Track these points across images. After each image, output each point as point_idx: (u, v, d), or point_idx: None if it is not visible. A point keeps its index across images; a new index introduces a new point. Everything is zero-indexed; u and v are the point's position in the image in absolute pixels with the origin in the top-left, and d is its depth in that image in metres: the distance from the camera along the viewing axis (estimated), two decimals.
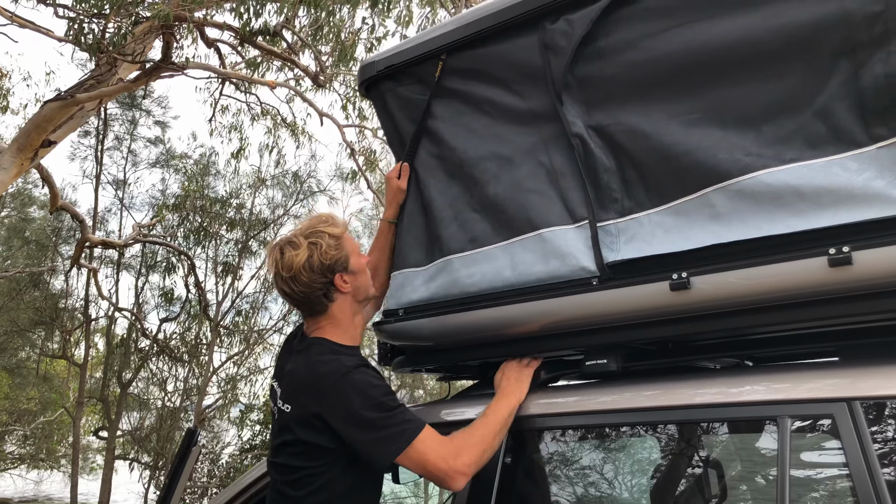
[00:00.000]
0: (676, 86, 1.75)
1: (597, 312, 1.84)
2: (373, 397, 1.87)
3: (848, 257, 1.44)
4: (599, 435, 1.99)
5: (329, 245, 2.01)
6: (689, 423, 1.78)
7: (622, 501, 2.00)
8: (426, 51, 2.27)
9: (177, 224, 15.12)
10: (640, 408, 1.83)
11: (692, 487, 1.86)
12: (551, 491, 2.04)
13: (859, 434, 1.44)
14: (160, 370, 16.02)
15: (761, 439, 1.66)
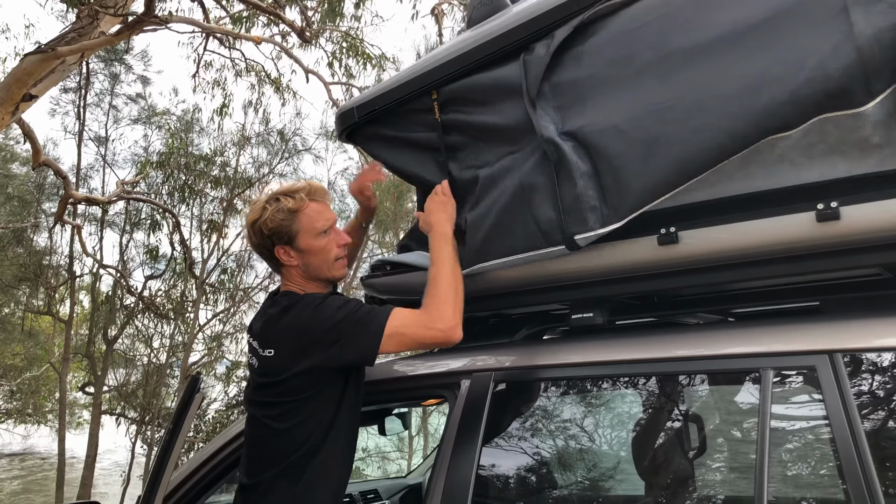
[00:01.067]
0: (657, 74, 1.64)
1: (586, 266, 1.84)
2: (341, 310, 1.94)
3: (836, 212, 1.46)
4: (584, 387, 2.02)
5: (276, 214, 2.04)
6: (673, 376, 1.81)
7: (606, 454, 2.03)
8: (411, 90, 2.13)
9: (161, 181, 14.99)
10: (624, 360, 1.85)
11: (676, 439, 1.89)
12: (536, 443, 2.07)
13: (840, 386, 1.46)
14: (146, 327, 16.02)
15: (744, 391, 1.69)
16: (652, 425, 1.95)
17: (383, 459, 14.70)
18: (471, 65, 2.00)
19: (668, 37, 1.62)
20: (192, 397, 2.07)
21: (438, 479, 1.95)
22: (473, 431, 1.95)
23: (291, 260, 2.09)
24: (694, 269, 1.72)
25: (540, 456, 2.05)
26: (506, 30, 1.93)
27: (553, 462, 2.05)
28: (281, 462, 1.99)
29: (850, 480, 1.38)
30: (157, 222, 15.01)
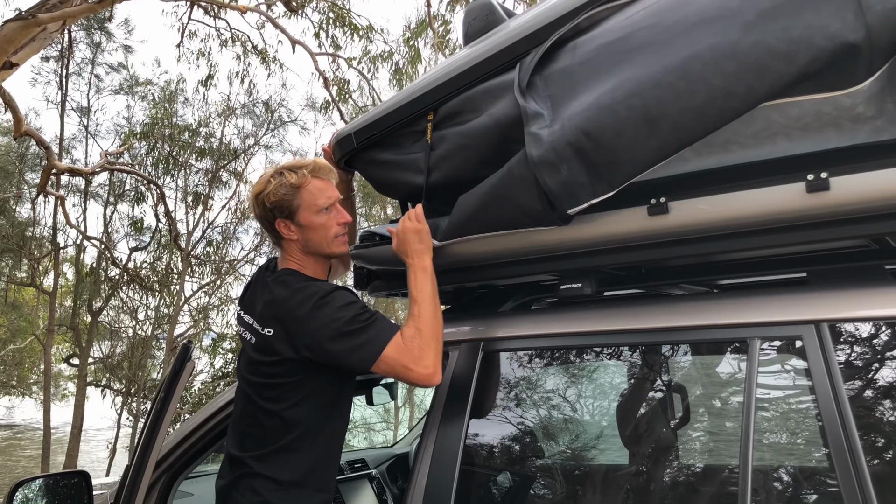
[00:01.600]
0: (652, 50, 1.59)
1: (575, 237, 1.85)
2: (349, 311, 1.94)
3: (826, 183, 1.47)
4: (572, 357, 2.03)
5: (279, 188, 2.07)
6: (661, 346, 1.82)
7: (594, 423, 2.05)
8: (408, 113, 2.09)
9: (145, 152, 14.86)
10: (612, 330, 1.86)
11: (663, 408, 1.91)
12: (523, 412, 2.09)
13: (825, 355, 1.48)
14: (131, 299, 15.97)
15: (731, 361, 1.70)
16: (639, 395, 1.97)
17: (369, 430, 14.80)
18: (468, 84, 1.96)
19: (664, 14, 1.59)
20: (184, 365, 2.08)
21: (426, 448, 1.97)
22: (461, 400, 1.97)
23: (291, 234, 2.11)
24: (683, 240, 1.72)
25: (527, 425, 2.07)
26: (504, 46, 1.89)
27: (540, 431, 2.07)
28: (273, 443, 2.01)
29: (835, 449, 1.41)
30: (142, 194, 14.92)
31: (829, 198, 1.48)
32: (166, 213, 14.10)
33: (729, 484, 1.60)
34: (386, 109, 2.15)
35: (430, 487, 1.90)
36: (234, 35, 12.81)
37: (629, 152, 1.60)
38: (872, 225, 1.50)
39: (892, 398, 1.46)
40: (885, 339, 1.50)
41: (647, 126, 1.55)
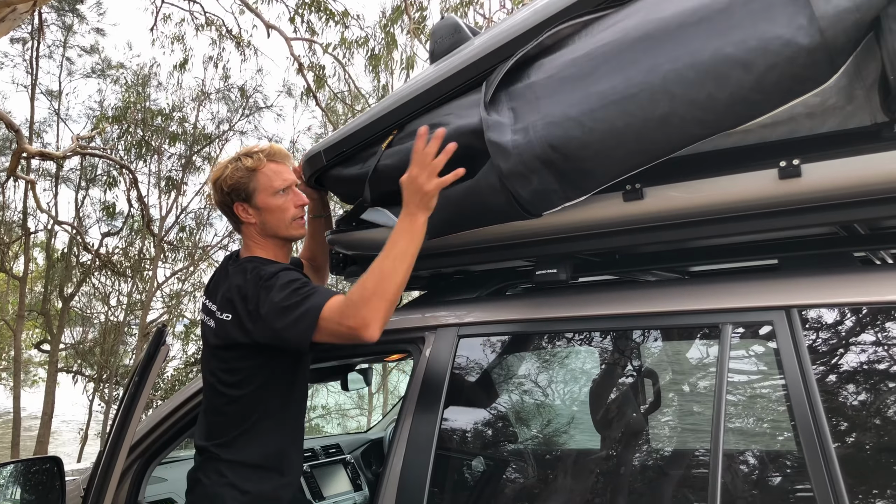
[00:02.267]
0: (616, 65, 1.59)
1: (551, 223, 1.86)
2: (287, 290, 1.94)
3: (797, 170, 1.49)
4: (547, 342, 2.05)
5: (235, 172, 2.13)
6: (635, 331, 1.84)
7: (568, 408, 2.07)
8: (376, 130, 2.08)
9: (117, 137, 14.66)
10: (587, 315, 1.88)
11: (637, 392, 1.93)
12: (499, 397, 2.11)
13: (795, 340, 1.51)
14: (103, 285, 15.79)
15: (704, 346, 1.73)
16: (613, 380, 1.99)
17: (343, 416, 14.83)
18: (435, 101, 1.96)
19: (627, 27, 1.60)
20: (158, 349, 2.07)
21: (402, 433, 1.98)
22: (437, 386, 1.98)
23: (249, 217, 2.16)
24: (658, 227, 1.74)
25: (503, 410, 2.09)
26: (469, 63, 1.89)
27: (515, 416, 2.09)
28: (236, 428, 2.04)
29: (803, 432, 1.43)
30: (114, 178, 14.72)
31: (800, 185, 1.50)
32: (139, 198, 13.93)
33: (700, 467, 1.62)
34: (354, 127, 2.15)
35: (406, 472, 1.91)
36: (209, 19, 12.65)
37: (598, 162, 1.62)
38: (842, 212, 1.53)
39: (859, 382, 1.49)
40: (852, 324, 1.53)
41: (613, 138, 1.57)
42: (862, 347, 1.50)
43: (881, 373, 1.49)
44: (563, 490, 1.85)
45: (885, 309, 1.51)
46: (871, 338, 1.51)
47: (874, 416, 1.47)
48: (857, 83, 1.45)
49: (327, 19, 12.38)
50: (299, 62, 12.10)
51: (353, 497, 3.73)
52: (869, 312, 1.52)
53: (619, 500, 1.75)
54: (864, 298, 1.52)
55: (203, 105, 15.40)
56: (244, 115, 15.82)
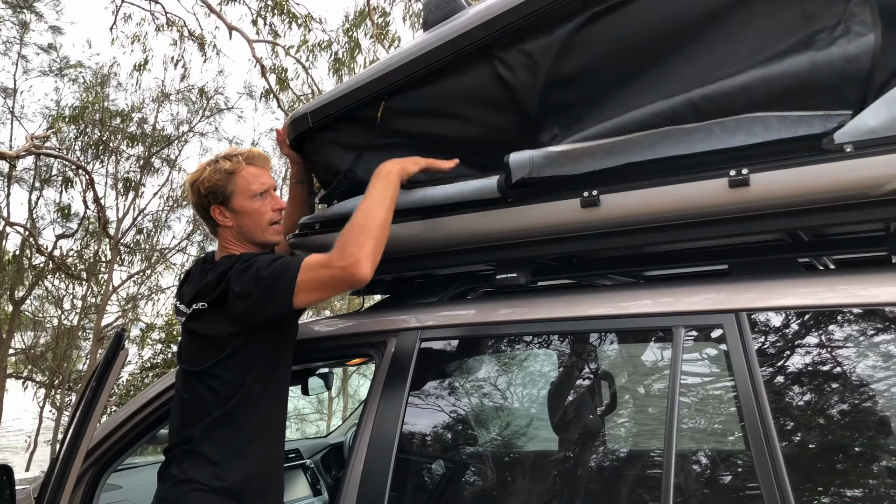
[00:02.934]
0: (643, 86, 1.76)
1: (511, 228, 1.90)
2: (264, 267, 1.94)
3: (746, 179, 1.55)
4: (507, 345, 2.08)
5: (213, 175, 2.11)
6: (591, 333, 1.89)
7: (527, 410, 2.11)
8: (367, 94, 2.09)
9: (74, 137, 14.38)
10: (545, 319, 1.92)
11: (593, 394, 1.98)
12: (461, 400, 2.13)
13: (744, 343, 1.57)
14: (56, 288, 15.45)
15: (657, 348, 1.78)
16: (571, 382, 2.03)
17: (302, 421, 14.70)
18: (429, 67, 1.98)
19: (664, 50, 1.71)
20: (117, 353, 2.05)
21: (363, 437, 1.99)
22: (399, 389, 2.00)
23: (226, 220, 2.14)
24: (614, 232, 1.80)
25: (464, 413, 2.11)
26: (463, 32, 1.93)
27: (476, 418, 2.12)
28: (213, 417, 1.99)
29: (751, 431, 1.49)
30: (70, 179, 14.42)
31: (749, 193, 1.56)
32: (95, 199, 13.67)
33: (654, 466, 1.67)
34: (344, 90, 2.16)
35: (367, 475, 1.92)
36: (170, 20, 12.50)
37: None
38: (789, 220, 1.60)
39: (804, 383, 1.56)
40: (797, 326, 1.60)
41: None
42: (807, 350, 1.57)
43: (825, 374, 1.55)
44: (521, 491, 1.89)
45: (829, 312, 1.57)
46: (816, 340, 1.57)
47: (819, 415, 1.54)
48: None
49: (290, 22, 12.32)
50: (262, 64, 12.03)
51: (312, 501, 3.73)
52: (813, 316, 1.59)
53: (575, 499, 1.79)
54: (809, 302, 1.59)
55: (163, 106, 15.20)
56: (204, 117, 15.66)
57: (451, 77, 1.98)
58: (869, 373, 1.53)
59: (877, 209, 1.52)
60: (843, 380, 1.53)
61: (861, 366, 1.53)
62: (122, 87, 15.28)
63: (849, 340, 1.55)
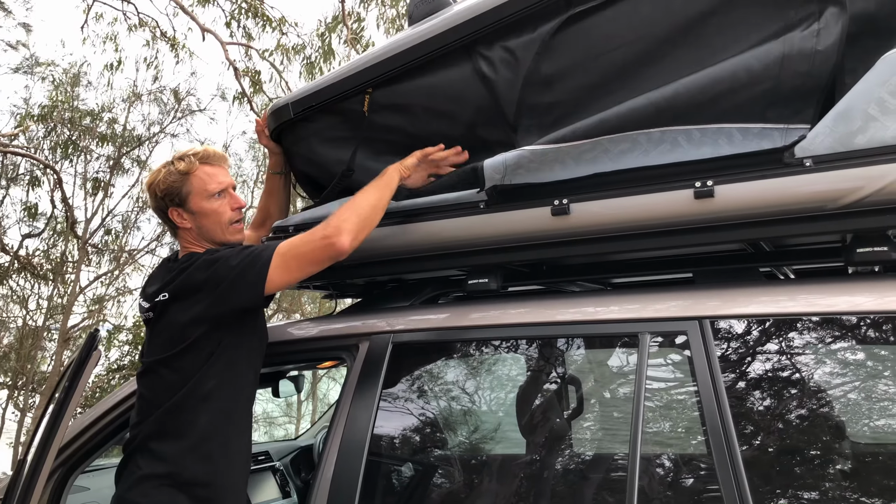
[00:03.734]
0: (622, 90, 1.82)
1: (483, 234, 1.94)
2: (234, 257, 1.96)
3: (711, 190, 1.61)
4: (477, 350, 2.11)
5: (168, 176, 2.10)
6: (559, 338, 1.93)
7: (496, 413, 2.14)
8: (349, 87, 2.12)
9: (42, 136, 14.20)
10: (515, 324, 1.96)
11: (561, 398, 2.02)
12: (431, 403, 2.16)
13: (707, 348, 1.62)
14: (21, 287, 15.21)
15: (623, 354, 1.83)
16: (539, 386, 2.07)
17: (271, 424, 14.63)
18: (412, 62, 2.02)
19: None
20: (90, 354, 2.04)
21: (334, 440, 1.99)
22: (371, 392, 2.01)
23: (185, 222, 2.12)
24: (583, 240, 1.84)
25: (435, 416, 2.14)
26: (449, 27, 1.97)
27: (447, 421, 2.14)
28: (175, 408, 1.97)
29: (712, 434, 1.54)
30: (37, 178, 14.21)
31: (713, 204, 1.62)
32: (63, 199, 13.48)
33: (619, 469, 1.72)
34: (327, 81, 2.17)
35: (337, 477, 1.93)
36: (142, 20, 12.40)
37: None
38: (751, 230, 1.66)
39: (764, 388, 1.61)
40: (758, 333, 1.65)
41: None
42: (767, 356, 1.63)
43: (784, 379, 1.61)
44: (490, 493, 1.92)
45: (789, 320, 1.63)
46: (776, 347, 1.63)
47: (778, 420, 1.59)
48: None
49: (264, 25, 12.28)
50: (235, 67, 11.96)
51: None
52: (774, 323, 1.65)
53: (542, 501, 1.82)
54: (770, 310, 1.65)
55: (134, 106, 15.07)
56: (176, 118, 15.55)
57: (434, 72, 2.03)
58: (827, 379, 1.59)
59: (834, 221, 1.58)
60: (801, 385, 1.59)
61: (819, 372, 1.59)
62: (93, 86, 15.16)
63: (808, 347, 1.61)
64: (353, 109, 2.15)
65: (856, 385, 1.59)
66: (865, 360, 1.61)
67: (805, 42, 1.60)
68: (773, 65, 1.62)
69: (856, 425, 1.58)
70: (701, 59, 1.73)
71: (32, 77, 14.96)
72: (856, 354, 1.61)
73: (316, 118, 2.22)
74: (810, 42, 1.59)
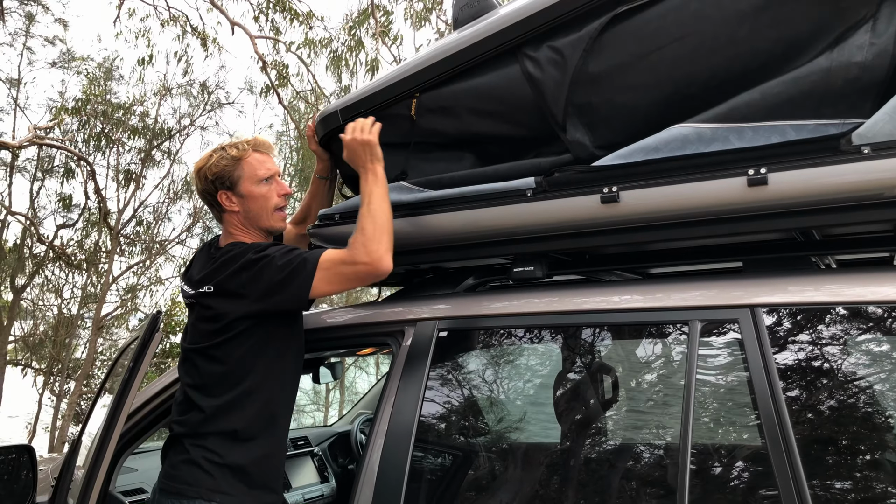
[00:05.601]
0: (674, 92, 1.82)
1: (530, 222, 1.95)
2: (277, 258, 2.01)
3: (764, 178, 1.60)
4: (524, 336, 2.13)
5: (220, 161, 2.18)
6: (608, 326, 1.93)
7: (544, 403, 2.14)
8: (397, 92, 2.15)
9: (76, 128, 14.41)
10: (563, 311, 1.96)
11: (608, 386, 2.02)
12: (477, 389, 2.17)
13: (759, 336, 1.62)
14: (56, 277, 15.48)
15: (674, 342, 1.83)
16: (585, 374, 2.07)
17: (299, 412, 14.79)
18: (460, 66, 2.03)
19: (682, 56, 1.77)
20: (153, 335, 2.08)
21: (381, 425, 2.01)
22: (417, 378, 2.03)
23: (233, 206, 2.19)
24: (632, 228, 1.85)
25: (480, 402, 2.15)
26: (496, 31, 1.98)
27: (493, 408, 2.15)
28: (217, 399, 2.04)
29: (766, 424, 1.54)
30: (71, 170, 14.45)
31: (767, 192, 1.62)
32: (96, 190, 13.71)
33: (670, 459, 1.72)
34: (374, 88, 2.20)
35: (384, 463, 1.95)
36: (173, 15, 12.52)
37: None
38: (804, 218, 1.65)
39: (817, 375, 1.61)
40: (810, 321, 1.65)
41: None
42: (821, 345, 1.62)
43: (839, 368, 1.61)
44: (536, 482, 1.93)
45: (844, 309, 1.63)
46: (830, 335, 1.63)
47: (833, 409, 1.59)
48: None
49: (291, 19, 12.36)
50: (263, 60, 12.04)
51: (320, 488, 3.77)
52: (828, 312, 1.64)
53: (590, 491, 1.83)
54: (825, 298, 1.65)
55: (164, 100, 15.23)
56: (205, 111, 15.70)
57: (481, 75, 2.03)
58: (882, 368, 1.58)
59: (890, 210, 1.57)
60: (857, 375, 1.59)
61: (874, 361, 1.59)
62: (125, 80, 15.32)
63: (862, 336, 1.60)
64: (400, 114, 2.18)
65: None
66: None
67: (860, 35, 1.59)
68: (827, 58, 1.62)
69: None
70: (753, 54, 1.72)
71: (68, 71, 15.22)
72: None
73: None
74: (865, 35, 1.58)
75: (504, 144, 2.12)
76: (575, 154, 1.94)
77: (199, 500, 1.97)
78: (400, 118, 2.18)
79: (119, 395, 2.06)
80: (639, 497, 1.74)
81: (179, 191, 15.45)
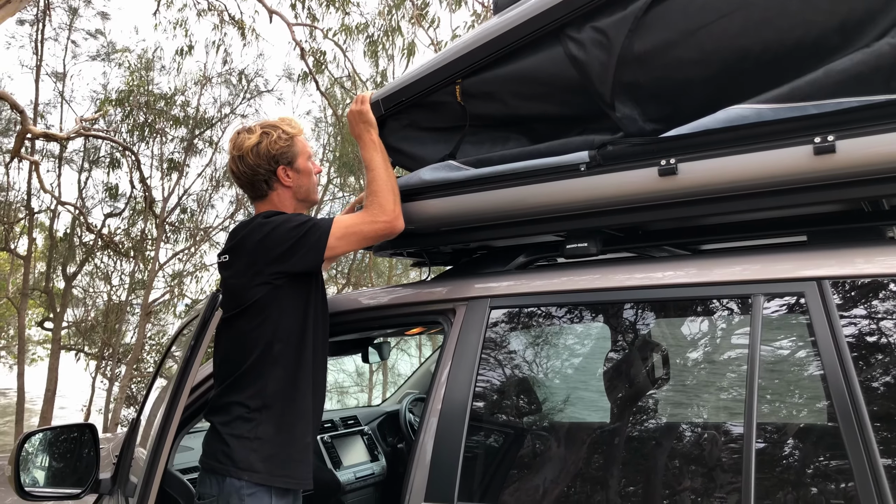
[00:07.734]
0: (722, 72, 1.77)
1: (584, 197, 1.92)
2: (294, 223, 2.12)
3: (832, 146, 1.55)
4: (578, 314, 2.09)
5: (280, 138, 2.27)
6: (669, 302, 1.88)
7: (603, 381, 2.10)
8: (439, 79, 2.12)
9: (120, 119, 14.67)
10: (622, 287, 1.92)
11: (667, 363, 1.97)
12: (531, 368, 2.14)
13: (827, 310, 1.57)
14: (105, 265, 15.85)
15: (737, 316, 1.78)
16: (643, 351, 2.03)
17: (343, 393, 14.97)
18: (501, 51, 2.00)
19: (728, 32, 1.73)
20: (213, 314, 2.11)
21: (434, 406, 2.00)
22: (470, 357, 2.02)
23: (289, 180, 2.30)
24: (691, 201, 1.80)
25: (535, 380, 2.12)
26: (537, 13, 1.94)
27: (546, 386, 2.12)
28: (240, 367, 2.09)
29: (837, 400, 1.49)
30: (117, 160, 14.72)
31: (834, 160, 1.56)
32: (141, 179, 13.96)
33: (734, 438, 1.67)
34: (415, 76, 2.18)
35: (439, 442, 1.94)
36: (211, 4, 12.63)
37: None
38: (874, 187, 1.59)
39: (889, 350, 1.55)
40: (881, 294, 1.59)
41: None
42: (890, 317, 1.56)
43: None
44: (595, 462, 1.89)
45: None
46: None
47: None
48: None
49: (328, 5, 12.38)
50: (301, 47, 12.09)
51: (371, 467, 3.81)
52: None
53: (650, 470, 1.80)
54: (893, 270, 1.58)
55: (205, 89, 15.39)
56: (245, 99, 15.84)
57: (524, 58, 2.00)
58: None
59: None
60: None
61: None
62: (166, 70, 15.52)
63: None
64: (443, 101, 2.17)
65: None
66: None
67: None
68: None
69: None
70: (805, 27, 1.64)
71: (109, 63, 15.47)
72: None
73: (407, 112, 2.27)
74: None
75: (550, 123, 2.09)
76: (626, 129, 1.89)
77: (229, 478, 2.02)
78: (443, 105, 2.17)
79: (181, 373, 2.08)
80: (703, 478, 1.70)
81: (221, 178, 15.63)
